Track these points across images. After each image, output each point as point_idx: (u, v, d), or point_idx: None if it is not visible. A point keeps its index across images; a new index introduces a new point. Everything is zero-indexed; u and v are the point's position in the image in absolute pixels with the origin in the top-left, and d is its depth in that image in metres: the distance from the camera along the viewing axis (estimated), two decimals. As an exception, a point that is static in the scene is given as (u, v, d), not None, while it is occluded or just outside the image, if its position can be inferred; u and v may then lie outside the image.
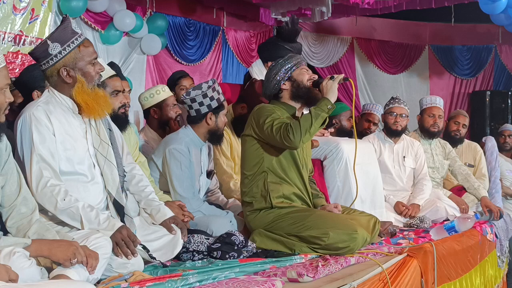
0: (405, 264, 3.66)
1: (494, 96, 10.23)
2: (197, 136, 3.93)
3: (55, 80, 2.93)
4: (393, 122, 5.24)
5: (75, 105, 2.95)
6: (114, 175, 3.04)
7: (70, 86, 2.91)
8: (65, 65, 2.89)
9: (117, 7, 6.92)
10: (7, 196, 2.60)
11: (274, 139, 3.50)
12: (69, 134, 2.90)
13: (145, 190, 3.26)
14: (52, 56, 2.87)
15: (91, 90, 2.94)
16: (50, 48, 2.88)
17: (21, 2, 5.85)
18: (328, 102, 3.51)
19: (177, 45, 8.01)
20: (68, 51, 2.89)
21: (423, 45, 10.79)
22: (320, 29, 9.93)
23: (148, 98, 4.65)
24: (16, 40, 5.86)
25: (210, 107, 3.90)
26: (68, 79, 2.90)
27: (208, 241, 3.34)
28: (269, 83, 3.74)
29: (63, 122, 2.90)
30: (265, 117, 3.55)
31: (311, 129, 3.44)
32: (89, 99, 2.92)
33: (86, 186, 2.92)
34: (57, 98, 2.94)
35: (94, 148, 2.99)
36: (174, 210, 3.44)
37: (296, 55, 3.84)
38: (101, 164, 2.99)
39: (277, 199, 3.60)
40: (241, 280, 2.74)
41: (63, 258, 2.40)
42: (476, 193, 5.54)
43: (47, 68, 2.90)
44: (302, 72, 3.71)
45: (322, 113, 3.47)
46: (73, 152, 2.90)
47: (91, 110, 2.94)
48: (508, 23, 8.19)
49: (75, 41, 2.91)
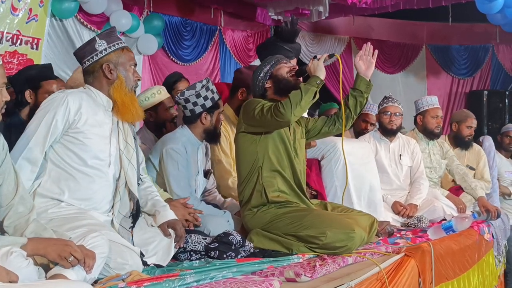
0: (403, 264, 3.66)
1: (491, 96, 10.24)
2: (193, 136, 3.92)
3: (96, 75, 3.05)
4: (388, 121, 5.23)
5: (110, 102, 3.05)
6: (135, 179, 3.11)
7: (110, 82, 3.04)
8: (109, 61, 3.03)
9: (113, 7, 6.91)
10: (4, 195, 2.59)
11: (265, 120, 3.50)
12: (95, 126, 2.97)
13: (152, 193, 3.32)
14: (98, 52, 3.04)
15: (129, 92, 3.07)
16: (97, 44, 3.05)
17: (19, 2, 5.84)
18: (317, 79, 3.51)
19: (173, 45, 8.00)
20: (113, 49, 3.06)
21: (420, 45, 10.80)
22: (317, 28, 9.94)
23: (143, 101, 4.64)
24: (13, 40, 5.86)
25: (204, 107, 3.89)
26: (109, 74, 3.03)
27: (205, 241, 3.34)
28: (254, 86, 3.81)
29: (92, 114, 2.97)
30: (254, 105, 3.58)
31: (301, 102, 3.42)
32: (127, 99, 3.05)
33: (94, 180, 2.95)
34: (93, 93, 3.04)
35: (119, 150, 3.06)
36: (179, 210, 3.45)
37: (274, 56, 3.86)
38: (124, 166, 3.06)
39: (272, 193, 3.60)
40: (239, 280, 2.74)
41: (59, 257, 2.39)
42: (473, 193, 5.54)
43: (91, 64, 3.04)
44: (281, 66, 3.74)
45: (312, 87, 3.46)
46: (93, 145, 2.95)
47: (126, 110, 3.05)
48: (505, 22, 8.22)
49: (120, 43, 3.10)
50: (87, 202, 2.94)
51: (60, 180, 2.91)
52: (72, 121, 2.92)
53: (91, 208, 2.94)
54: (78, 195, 2.92)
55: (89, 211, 2.92)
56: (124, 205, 3.08)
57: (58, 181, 2.91)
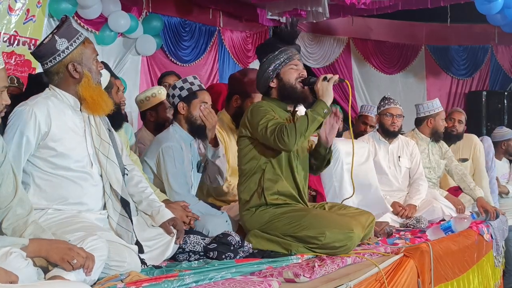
0: (402, 264, 3.65)
1: (490, 96, 10.25)
2: (184, 132, 3.93)
3: (61, 77, 2.94)
4: (390, 123, 5.21)
5: (77, 102, 2.96)
6: (117, 173, 3.04)
7: (76, 81, 2.94)
8: (73, 60, 2.92)
9: (112, 8, 6.91)
10: (3, 197, 2.58)
11: (268, 141, 3.48)
12: (68, 130, 2.90)
13: (145, 191, 3.25)
14: (60, 52, 2.90)
15: (96, 86, 2.98)
16: (58, 44, 2.90)
17: (16, 3, 5.84)
18: (324, 106, 3.47)
19: (172, 45, 8.01)
20: (75, 46, 2.92)
21: (419, 45, 10.81)
22: (316, 29, 9.94)
23: (144, 101, 4.65)
24: (10, 41, 5.86)
25: (180, 97, 3.92)
26: (75, 74, 2.92)
27: (204, 241, 3.34)
28: (259, 79, 3.72)
29: (62, 116, 2.90)
30: (259, 117, 3.52)
31: (306, 132, 3.42)
32: (95, 94, 2.95)
33: (81, 184, 2.91)
34: (58, 95, 2.94)
35: (95, 148, 2.99)
36: (177, 211, 3.44)
37: (288, 49, 3.75)
38: (103, 164, 2.99)
39: (271, 196, 3.58)
40: (238, 281, 2.73)
41: (61, 259, 2.38)
42: (472, 194, 5.53)
43: (54, 65, 2.92)
44: (290, 70, 3.65)
45: (318, 117, 3.44)
46: (72, 149, 2.89)
47: (97, 105, 2.96)
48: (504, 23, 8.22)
49: (79, 37, 2.95)
50: (79, 206, 2.90)
51: (46, 191, 2.87)
52: (44, 132, 2.84)
53: (85, 210, 2.91)
54: (69, 201, 2.89)
55: (81, 213, 2.89)
56: (116, 203, 3.04)
57: (45, 192, 2.87)
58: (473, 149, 6.06)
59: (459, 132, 6.05)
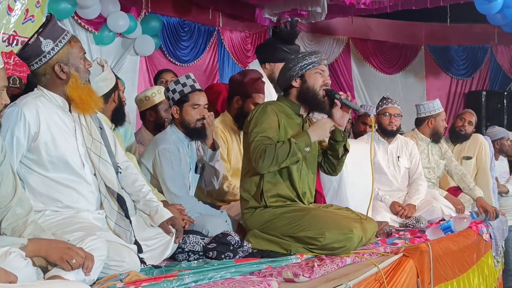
0: (401, 264, 3.65)
1: (490, 96, 10.26)
2: (181, 133, 3.92)
3: (48, 78, 2.89)
4: (388, 122, 5.21)
5: (65, 102, 2.93)
6: (110, 172, 3.02)
7: (64, 82, 2.89)
8: (59, 61, 2.87)
9: (111, 9, 6.92)
10: (3, 197, 2.57)
11: (250, 151, 3.49)
12: (58, 131, 2.88)
13: (142, 190, 3.22)
14: (45, 53, 2.85)
15: (84, 85, 2.93)
16: (43, 45, 2.84)
17: (15, 3, 5.84)
18: (308, 142, 3.45)
19: (171, 45, 8.01)
20: (60, 46, 2.87)
21: (419, 45, 10.82)
22: (315, 29, 9.95)
23: (143, 100, 4.64)
24: (9, 41, 5.86)
25: (173, 100, 3.90)
26: (62, 75, 2.87)
27: (203, 241, 3.33)
28: (282, 74, 3.67)
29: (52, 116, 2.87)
30: (255, 125, 3.51)
31: (282, 164, 3.43)
32: (83, 94, 2.91)
33: (76, 188, 2.90)
34: (46, 95, 2.91)
35: (86, 147, 2.96)
36: (173, 214, 3.42)
37: (319, 53, 3.68)
38: (95, 163, 2.97)
39: (271, 199, 3.57)
40: (237, 280, 2.73)
41: (61, 259, 2.38)
42: (472, 194, 5.54)
43: (40, 66, 2.87)
44: (316, 74, 3.58)
45: (299, 153, 3.42)
46: (63, 149, 2.87)
47: (85, 105, 2.92)
48: (504, 23, 8.23)
49: (65, 36, 2.90)
50: (75, 208, 2.89)
51: (41, 194, 2.85)
52: (34, 132, 2.81)
53: (81, 211, 2.90)
54: (65, 204, 2.87)
55: (79, 213, 2.88)
56: (113, 201, 3.02)
57: (39, 194, 2.85)
58: (478, 148, 6.07)
59: (467, 133, 6.07)
